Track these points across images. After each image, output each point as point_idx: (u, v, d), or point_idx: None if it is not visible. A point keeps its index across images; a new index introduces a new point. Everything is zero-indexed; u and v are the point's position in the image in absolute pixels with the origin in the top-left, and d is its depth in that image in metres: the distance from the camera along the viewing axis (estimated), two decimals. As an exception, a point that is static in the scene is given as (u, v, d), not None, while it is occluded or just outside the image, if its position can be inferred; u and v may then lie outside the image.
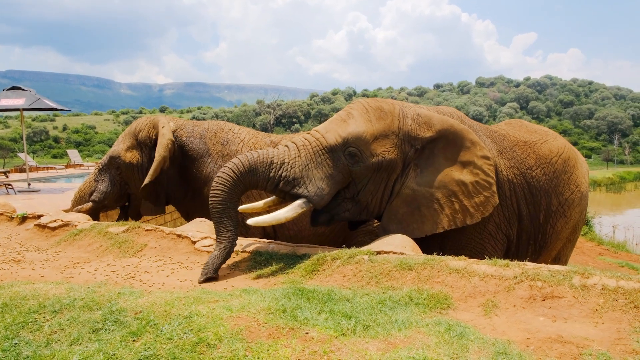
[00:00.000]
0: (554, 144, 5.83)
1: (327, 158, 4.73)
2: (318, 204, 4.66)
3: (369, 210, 4.99)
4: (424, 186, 4.95)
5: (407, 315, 3.11)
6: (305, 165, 4.67)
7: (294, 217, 4.65)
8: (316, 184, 4.65)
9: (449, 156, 5.02)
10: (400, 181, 4.97)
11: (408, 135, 4.94)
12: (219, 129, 6.83)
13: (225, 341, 2.67)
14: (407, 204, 4.95)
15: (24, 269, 4.69)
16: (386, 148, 4.83)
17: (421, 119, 5.02)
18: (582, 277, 3.37)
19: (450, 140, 5.03)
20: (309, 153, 4.73)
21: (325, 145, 4.76)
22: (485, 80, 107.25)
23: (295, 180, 4.63)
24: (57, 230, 6.07)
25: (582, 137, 79.21)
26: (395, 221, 4.95)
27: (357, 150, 4.75)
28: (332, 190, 4.74)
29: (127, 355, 2.63)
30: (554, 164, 5.67)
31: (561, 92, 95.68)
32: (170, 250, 5.13)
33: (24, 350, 2.77)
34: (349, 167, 4.76)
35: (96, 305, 3.27)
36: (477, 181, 4.97)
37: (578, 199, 5.77)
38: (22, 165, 20.91)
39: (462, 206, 4.95)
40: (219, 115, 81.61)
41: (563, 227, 5.75)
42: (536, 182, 5.55)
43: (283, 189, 4.65)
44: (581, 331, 2.87)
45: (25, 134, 17.25)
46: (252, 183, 4.60)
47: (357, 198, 4.90)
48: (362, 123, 4.85)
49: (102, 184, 6.79)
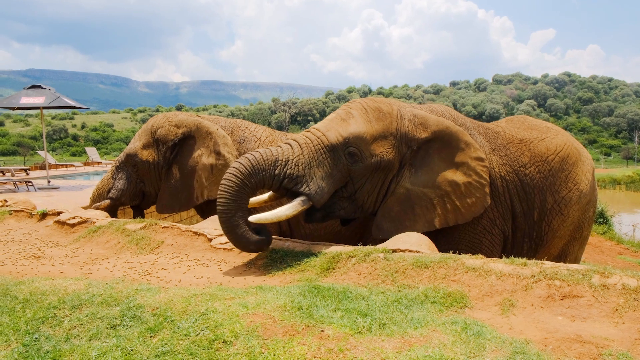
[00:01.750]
0: (553, 142, 5.77)
1: (328, 157, 4.82)
2: (318, 202, 4.73)
3: (364, 208, 5.10)
4: (418, 186, 5.07)
5: (423, 313, 3.09)
6: (307, 163, 4.75)
7: (295, 214, 4.69)
8: (317, 182, 4.74)
9: (444, 157, 5.14)
10: (395, 180, 5.09)
11: (405, 136, 5.05)
12: (235, 127, 6.85)
13: (241, 338, 2.69)
14: (401, 203, 5.07)
15: (43, 265, 4.76)
16: (385, 149, 4.94)
17: (418, 120, 5.13)
18: (601, 277, 3.32)
19: (445, 141, 5.14)
20: (311, 151, 4.80)
21: (326, 144, 4.84)
22: (502, 77, 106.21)
23: (299, 178, 4.70)
24: (76, 227, 6.15)
25: (601, 134, 78.08)
26: (389, 219, 5.06)
27: (357, 150, 4.85)
28: (331, 189, 4.84)
29: (144, 351, 2.66)
30: (550, 162, 5.64)
31: (580, 89, 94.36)
32: (187, 248, 5.16)
33: (44, 345, 2.81)
34: (349, 166, 4.86)
35: (114, 302, 3.31)
36: (469, 182, 5.08)
37: (577, 197, 5.69)
38: (42, 163, 21.23)
39: (454, 206, 5.06)
40: (234, 113, 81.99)
41: (560, 225, 5.70)
42: (529, 179, 5.56)
43: (287, 186, 4.71)
44: (601, 331, 2.83)
45: (45, 132, 17.51)
46: (259, 183, 4.61)
47: (354, 197, 5.00)
48: (362, 123, 4.94)
49: (119, 181, 6.85)
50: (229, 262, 4.71)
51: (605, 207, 16.89)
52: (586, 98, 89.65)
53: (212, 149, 6.44)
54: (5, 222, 6.81)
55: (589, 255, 12.07)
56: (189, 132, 6.62)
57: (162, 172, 6.71)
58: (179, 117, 6.78)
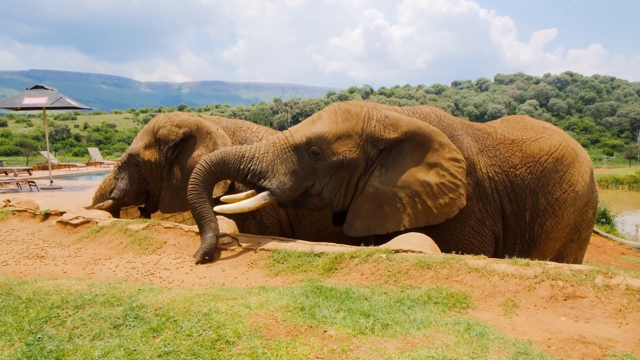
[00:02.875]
0: (547, 142, 5.71)
1: (292, 155, 5.13)
2: (280, 196, 5.08)
3: (332, 205, 5.27)
4: (387, 185, 5.13)
5: (426, 314, 3.09)
6: (272, 160, 5.12)
7: (257, 207, 5.07)
8: (279, 178, 5.08)
9: (416, 157, 5.18)
10: (364, 179, 5.19)
11: (371, 137, 5.15)
12: (237, 128, 6.85)
13: (244, 338, 2.69)
14: (370, 202, 5.15)
15: (47, 265, 4.77)
16: (348, 148, 5.09)
17: (388, 121, 5.21)
18: (605, 277, 3.31)
19: (418, 141, 5.18)
20: (276, 150, 5.16)
21: (291, 143, 5.15)
22: (504, 77, 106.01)
23: (262, 174, 5.09)
24: (79, 227, 6.16)
25: (603, 134, 77.91)
26: (360, 217, 5.17)
27: (319, 149, 5.07)
28: (295, 185, 5.10)
29: (147, 351, 2.66)
30: (543, 163, 5.60)
31: (582, 88, 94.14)
32: (189, 248, 5.17)
33: (48, 345, 2.81)
34: (312, 164, 5.11)
35: (117, 302, 3.32)
36: (442, 183, 5.09)
37: (572, 199, 5.63)
38: (45, 163, 21.25)
39: (425, 206, 5.09)
40: (236, 113, 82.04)
41: (554, 227, 5.65)
42: (520, 180, 5.54)
43: (250, 181, 5.14)
44: (604, 332, 2.82)
45: (48, 132, 17.55)
46: (223, 173, 5.13)
47: (321, 194, 5.19)
48: (327, 124, 5.16)
49: (122, 181, 6.86)
50: (232, 263, 4.71)
51: (608, 207, 16.84)
52: (588, 97, 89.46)
53: (212, 149, 6.45)
54: (9, 222, 6.82)
55: (591, 255, 12.05)
56: (189, 132, 6.62)
57: (164, 172, 6.72)
58: (180, 117, 6.79)
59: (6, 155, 51.73)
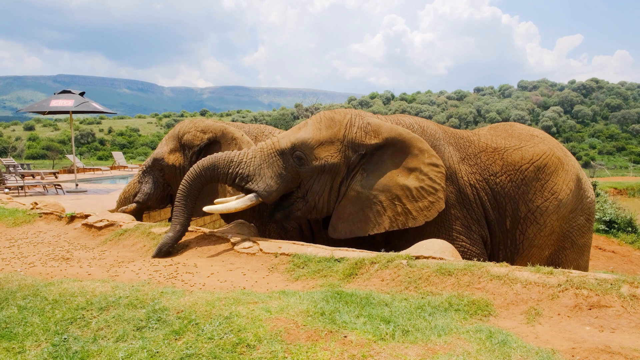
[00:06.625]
0: (530, 151, 5.73)
1: (278, 159, 5.40)
2: (266, 198, 5.35)
3: (317, 209, 5.49)
4: (368, 189, 5.33)
5: (447, 321, 3.07)
6: (259, 164, 5.41)
7: (243, 208, 5.36)
8: (266, 181, 5.35)
9: (397, 162, 5.37)
10: (345, 183, 5.41)
11: (352, 142, 5.37)
12: (259, 133, 6.91)
13: (264, 342, 2.71)
14: (352, 205, 5.37)
15: (72, 267, 4.87)
16: (329, 153, 5.34)
17: (370, 128, 5.43)
18: (631, 286, 3.25)
19: (398, 147, 5.38)
20: (263, 154, 5.45)
21: (277, 148, 5.44)
22: (527, 83, 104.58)
23: (249, 177, 5.38)
24: (103, 229, 6.27)
25: (630, 141, 76.26)
26: (342, 220, 5.40)
27: (303, 154, 5.35)
28: (281, 188, 5.38)
29: (169, 353, 2.70)
30: (524, 171, 5.64)
31: (608, 95, 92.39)
32: (211, 252, 5.22)
33: (73, 346, 2.87)
34: (297, 168, 5.38)
35: (140, 304, 3.37)
36: (422, 187, 5.26)
37: (554, 207, 5.63)
38: (70, 167, 21.65)
39: (405, 209, 5.26)
40: (257, 118, 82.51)
41: (536, 235, 5.67)
42: (500, 188, 5.62)
43: (238, 184, 5.42)
44: (630, 342, 2.77)
45: (74, 136, 17.88)
46: (213, 177, 5.43)
47: (306, 198, 5.45)
48: (311, 131, 5.44)
49: (146, 185, 6.96)
50: (252, 267, 4.74)
51: (634, 216, 16.49)
52: (614, 105, 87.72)
53: None
54: (36, 224, 6.98)
55: (617, 265, 11.81)
56: (214, 137, 6.70)
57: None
58: (205, 123, 6.88)
59: (33, 159, 52.83)
